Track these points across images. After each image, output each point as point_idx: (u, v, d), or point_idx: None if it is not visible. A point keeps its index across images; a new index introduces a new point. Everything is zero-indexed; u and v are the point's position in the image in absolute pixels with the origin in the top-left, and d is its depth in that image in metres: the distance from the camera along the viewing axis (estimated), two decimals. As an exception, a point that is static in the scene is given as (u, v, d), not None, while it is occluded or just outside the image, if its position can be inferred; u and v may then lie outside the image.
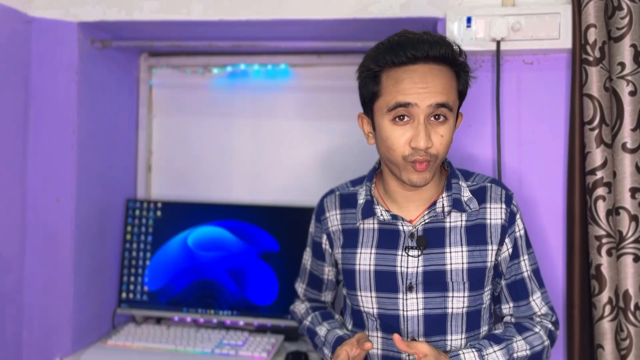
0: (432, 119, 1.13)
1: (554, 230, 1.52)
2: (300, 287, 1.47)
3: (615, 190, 1.41)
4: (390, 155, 1.15)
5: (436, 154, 1.13)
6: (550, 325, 1.25)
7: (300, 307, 1.45)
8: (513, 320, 1.27)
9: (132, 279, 1.88)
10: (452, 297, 1.19)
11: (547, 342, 1.23)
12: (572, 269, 1.45)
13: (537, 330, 1.23)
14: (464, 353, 1.16)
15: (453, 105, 1.15)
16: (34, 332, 1.67)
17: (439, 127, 1.13)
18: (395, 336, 1.11)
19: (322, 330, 1.33)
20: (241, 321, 1.86)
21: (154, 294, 1.87)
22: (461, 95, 1.20)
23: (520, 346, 1.20)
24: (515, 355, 1.19)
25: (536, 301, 1.25)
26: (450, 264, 1.19)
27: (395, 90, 1.11)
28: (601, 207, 1.39)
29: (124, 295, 1.88)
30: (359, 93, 1.22)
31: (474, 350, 1.17)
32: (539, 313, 1.25)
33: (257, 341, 1.73)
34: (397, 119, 1.12)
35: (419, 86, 1.10)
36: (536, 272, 1.27)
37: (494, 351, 1.17)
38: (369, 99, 1.17)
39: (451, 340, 1.20)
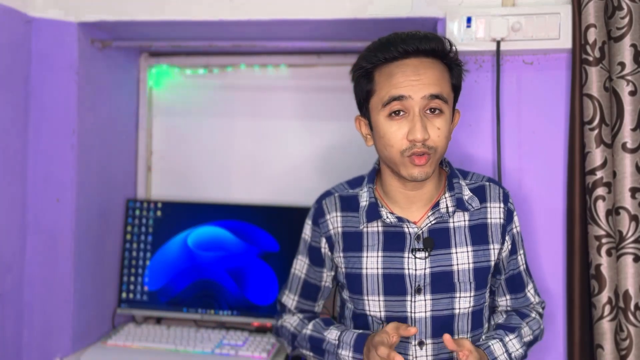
0: (428, 112, 1.13)
1: (554, 230, 1.52)
2: (290, 299, 1.36)
3: (615, 190, 1.41)
4: (388, 152, 1.15)
5: (434, 146, 1.13)
6: (541, 310, 1.34)
7: (291, 319, 1.35)
8: (509, 309, 1.32)
9: (132, 279, 1.88)
10: (460, 297, 1.20)
11: (542, 325, 1.32)
12: (572, 269, 1.45)
13: (533, 315, 1.31)
14: (492, 345, 1.21)
15: (447, 98, 1.15)
16: (34, 332, 1.67)
17: (435, 119, 1.13)
18: (446, 336, 1.09)
19: (332, 333, 1.25)
20: (241, 321, 1.86)
21: (154, 294, 1.87)
22: (455, 89, 1.20)
23: (527, 331, 1.27)
24: (524, 340, 1.26)
25: (530, 292, 1.32)
26: (457, 264, 1.20)
27: (388, 85, 1.12)
28: (601, 207, 1.39)
29: (124, 295, 1.88)
30: (354, 95, 1.22)
31: (498, 340, 1.23)
32: (534, 302, 1.33)
33: (257, 341, 1.73)
34: (392, 115, 1.12)
35: (411, 79, 1.11)
36: (527, 265, 1.34)
37: (510, 339, 1.24)
38: (363, 98, 1.18)
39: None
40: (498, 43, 1.47)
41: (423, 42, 1.12)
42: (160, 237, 1.88)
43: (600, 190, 1.39)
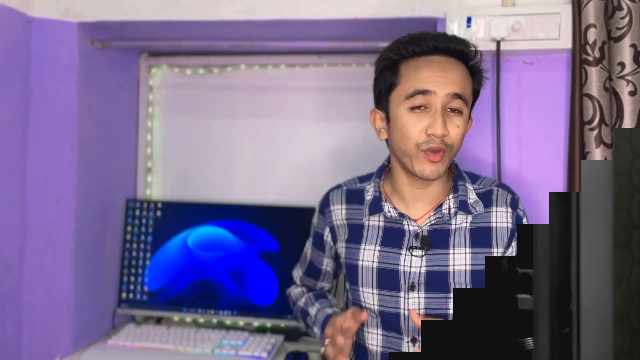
0: (449, 110, 1.15)
1: (554, 230, 1.52)
2: (297, 273, 1.49)
3: (615, 190, 1.41)
4: (404, 145, 1.16)
5: (451, 143, 1.15)
6: None
7: (295, 290, 1.48)
8: None
9: (132, 279, 1.88)
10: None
11: None
12: (572, 269, 1.46)
13: None
14: None
15: (468, 100, 1.17)
16: (34, 332, 1.67)
17: (455, 118, 1.15)
18: (412, 311, 1.14)
19: (313, 310, 1.37)
20: (241, 321, 1.86)
21: (154, 294, 1.87)
22: (475, 94, 1.22)
23: None
24: None
25: None
26: (454, 265, 1.20)
27: (413, 78, 1.14)
28: (601, 207, 1.39)
29: (124, 295, 1.88)
30: (373, 87, 1.23)
31: None
32: None
33: (257, 341, 1.73)
34: (414, 108, 1.14)
35: (437, 74, 1.13)
36: None
37: None
38: (385, 89, 1.19)
39: (452, 341, 1.22)
40: (498, 43, 1.47)
41: (452, 42, 1.15)
42: (160, 237, 1.88)
43: (600, 190, 1.39)
